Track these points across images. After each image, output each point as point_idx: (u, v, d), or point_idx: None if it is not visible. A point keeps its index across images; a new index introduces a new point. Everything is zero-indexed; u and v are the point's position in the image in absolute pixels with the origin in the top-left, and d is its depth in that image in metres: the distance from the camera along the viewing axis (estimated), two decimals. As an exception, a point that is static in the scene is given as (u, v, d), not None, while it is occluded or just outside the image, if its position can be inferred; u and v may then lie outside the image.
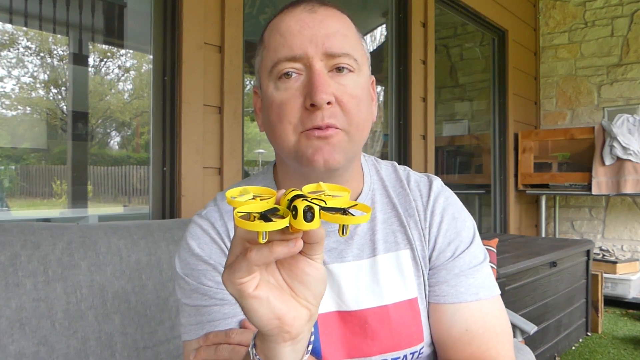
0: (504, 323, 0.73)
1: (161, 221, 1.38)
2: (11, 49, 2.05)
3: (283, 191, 0.44)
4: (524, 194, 4.10)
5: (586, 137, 3.73)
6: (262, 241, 0.41)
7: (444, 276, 0.73)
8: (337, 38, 0.65)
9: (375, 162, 0.81)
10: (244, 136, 1.99)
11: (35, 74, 2.18)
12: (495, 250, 2.00)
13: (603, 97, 4.16)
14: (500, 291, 0.75)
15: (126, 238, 1.22)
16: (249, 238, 0.43)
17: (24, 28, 2.08)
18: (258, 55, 0.71)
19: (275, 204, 0.43)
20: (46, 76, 2.24)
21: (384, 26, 3.47)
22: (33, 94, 2.20)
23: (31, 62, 2.15)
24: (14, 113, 2.15)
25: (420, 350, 0.72)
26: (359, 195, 0.75)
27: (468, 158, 4.43)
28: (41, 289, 1.04)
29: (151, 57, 1.79)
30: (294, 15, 0.66)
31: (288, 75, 0.65)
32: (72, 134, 2.23)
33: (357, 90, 0.67)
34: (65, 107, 2.28)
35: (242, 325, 0.69)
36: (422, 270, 0.73)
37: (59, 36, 2.22)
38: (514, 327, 1.92)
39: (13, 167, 2.16)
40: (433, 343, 0.74)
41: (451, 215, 0.76)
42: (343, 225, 0.42)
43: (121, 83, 2.58)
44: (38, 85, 2.21)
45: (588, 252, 3.08)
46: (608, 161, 3.56)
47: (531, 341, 2.35)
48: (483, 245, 0.78)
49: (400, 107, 2.90)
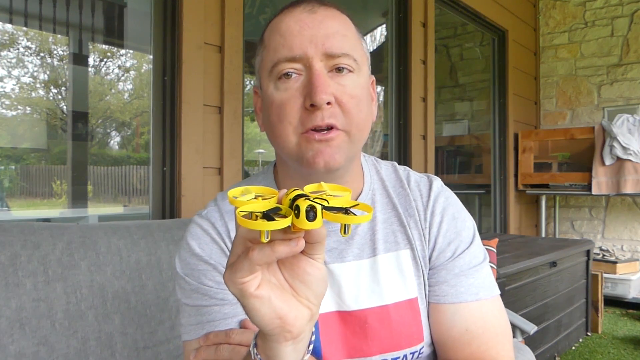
0: (504, 323, 0.73)
1: (161, 221, 1.38)
2: (11, 49, 2.05)
3: (285, 191, 0.44)
4: (524, 194, 4.10)
5: (586, 137, 3.73)
6: (265, 240, 0.41)
7: (444, 276, 0.73)
8: (337, 38, 0.65)
9: (375, 162, 0.81)
10: (244, 136, 1.99)
11: (35, 74, 2.18)
12: (495, 250, 2.00)
13: (603, 97, 4.16)
14: (500, 291, 0.75)
15: (126, 238, 1.22)
16: (251, 237, 0.43)
17: (24, 28, 2.08)
18: (258, 55, 0.71)
19: (277, 204, 0.43)
20: (46, 76, 2.24)
21: (384, 26, 3.46)
22: (33, 94, 2.20)
23: (31, 62, 2.15)
24: (14, 113, 2.15)
25: (420, 350, 0.72)
26: (359, 195, 0.75)
27: (468, 158, 4.43)
28: (41, 289, 1.04)
29: (151, 57, 1.79)
30: (294, 15, 0.66)
31: (288, 75, 0.65)
32: (72, 134, 2.23)
33: (357, 90, 0.67)
34: (65, 107, 2.28)
35: (242, 325, 0.69)
36: (422, 270, 0.73)
37: (59, 36, 2.22)
38: (514, 327, 1.92)
39: (13, 167, 2.16)
40: (433, 343, 0.74)
41: (451, 215, 0.76)
42: (345, 224, 0.42)
43: (121, 83, 2.58)
44: (38, 85, 2.21)
45: (588, 252, 3.08)
46: (608, 161, 3.55)
47: (531, 341, 2.35)
48: (483, 245, 0.78)
49: (400, 107, 2.90)
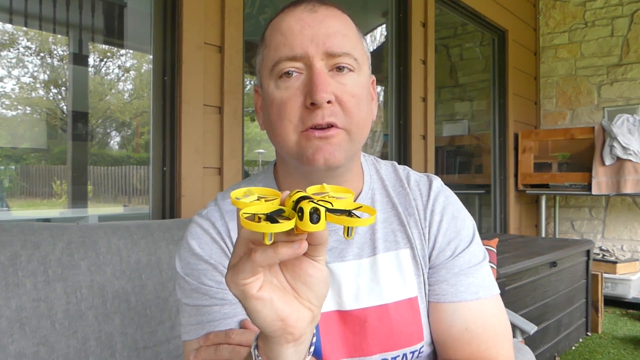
0: (504, 322, 0.73)
1: (161, 221, 1.38)
2: (11, 49, 2.05)
3: (288, 192, 0.44)
4: (524, 194, 4.10)
5: (586, 137, 3.73)
6: (268, 242, 0.40)
7: (444, 275, 0.73)
8: (338, 38, 0.66)
9: (375, 162, 0.81)
10: (244, 136, 1.99)
11: (35, 74, 2.18)
12: (495, 250, 2.00)
13: (603, 97, 4.16)
14: (499, 290, 0.75)
15: (126, 238, 1.22)
16: (254, 239, 0.43)
17: (24, 28, 2.08)
18: (259, 54, 0.71)
19: (280, 205, 0.43)
20: (46, 76, 2.24)
21: (384, 26, 3.46)
22: (33, 94, 2.20)
23: (31, 62, 2.15)
24: (14, 113, 2.15)
25: (420, 349, 0.72)
26: (359, 194, 0.75)
27: (468, 158, 4.42)
28: (41, 289, 1.04)
29: (151, 57, 1.79)
30: (295, 14, 0.67)
31: (289, 74, 0.65)
32: (72, 134, 2.24)
33: (357, 89, 0.67)
34: (65, 107, 2.28)
35: (242, 325, 0.69)
36: (422, 269, 0.73)
37: (59, 36, 2.22)
38: (514, 327, 1.92)
39: (13, 167, 2.16)
40: (433, 342, 0.74)
41: (451, 214, 0.76)
42: (348, 227, 0.42)
43: (121, 83, 2.59)
44: (38, 85, 2.21)
45: (588, 252, 3.08)
46: (608, 161, 3.55)
47: (531, 341, 2.35)
48: (483, 245, 0.78)
49: (400, 107, 2.90)
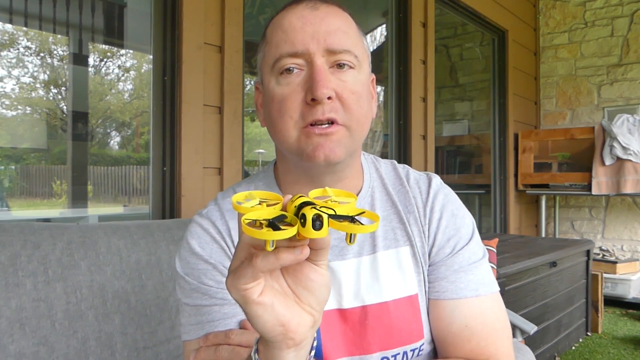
0: (503, 319, 0.73)
1: (161, 221, 1.38)
2: (11, 49, 2.05)
3: (290, 197, 0.43)
4: (524, 194, 4.10)
5: (586, 137, 3.73)
6: (270, 249, 0.40)
7: (444, 272, 0.73)
8: (339, 35, 0.66)
9: (374, 160, 0.81)
10: (244, 136, 1.99)
11: (35, 74, 2.18)
12: (495, 250, 2.00)
13: (603, 97, 4.16)
14: (499, 288, 0.75)
15: (126, 238, 1.22)
16: (255, 244, 0.43)
17: (24, 28, 2.08)
18: (260, 51, 0.71)
19: (282, 211, 0.42)
20: (46, 76, 2.24)
21: (384, 26, 3.47)
22: (33, 94, 2.20)
23: (31, 62, 2.15)
24: (14, 113, 2.15)
25: (420, 347, 0.72)
26: (359, 192, 0.75)
27: (468, 158, 4.42)
28: (41, 289, 1.04)
29: (151, 57, 1.79)
30: (296, 12, 0.67)
31: (289, 70, 0.65)
32: (72, 134, 2.24)
33: (358, 86, 0.67)
34: (65, 107, 2.28)
35: (242, 325, 0.69)
36: (422, 266, 0.74)
37: (59, 36, 2.22)
38: (514, 327, 1.92)
39: (13, 167, 2.16)
40: (433, 340, 0.74)
41: (450, 211, 0.76)
42: (351, 233, 0.41)
43: (121, 83, 2.59)
44: (38, 85, 2.21)
45: (588, 252, 3.08)
46: (608, 161, 3.55)
47: (531, 341, 2.34)
48: (483, 244, 0.78)
49: (400, 107, 2.90)
